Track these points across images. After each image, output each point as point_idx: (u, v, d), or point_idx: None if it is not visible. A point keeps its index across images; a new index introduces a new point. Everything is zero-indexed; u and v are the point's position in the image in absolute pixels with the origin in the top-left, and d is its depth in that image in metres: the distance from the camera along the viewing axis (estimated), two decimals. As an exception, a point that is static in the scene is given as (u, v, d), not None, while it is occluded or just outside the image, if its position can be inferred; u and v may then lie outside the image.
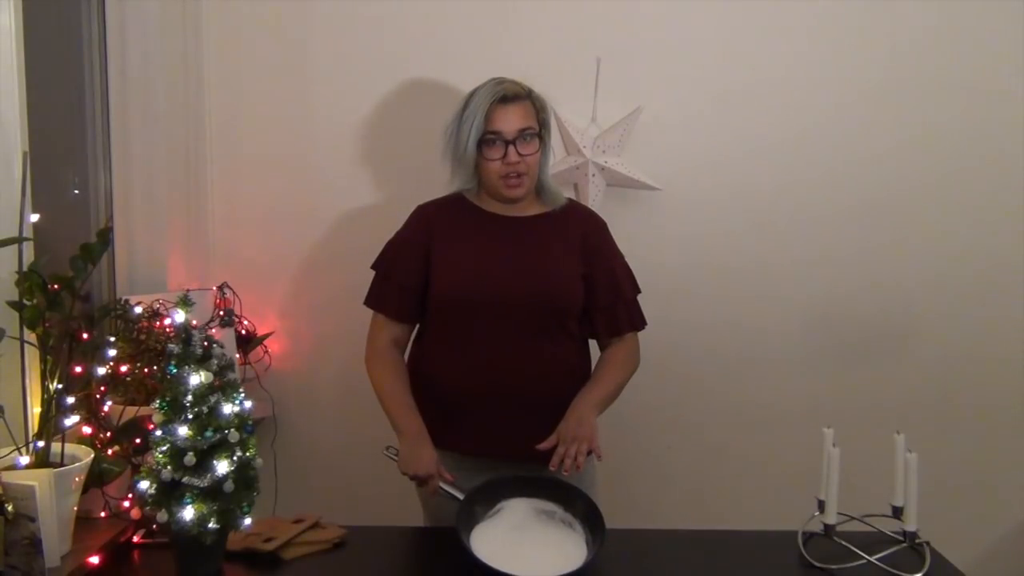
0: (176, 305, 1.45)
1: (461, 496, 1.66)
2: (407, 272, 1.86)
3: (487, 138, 1.77)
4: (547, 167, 1.89)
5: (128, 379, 1.80)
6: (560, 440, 1.73)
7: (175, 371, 1.43)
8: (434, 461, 1.76)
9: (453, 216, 1.88)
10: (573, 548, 1.58)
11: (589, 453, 1.74)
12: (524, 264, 1.82)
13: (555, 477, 1.75)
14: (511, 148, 1.77)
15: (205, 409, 1.43)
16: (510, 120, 1.77)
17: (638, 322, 1.92)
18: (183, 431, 1.42)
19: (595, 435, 1.75)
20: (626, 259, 1.94)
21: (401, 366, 1.89)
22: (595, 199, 2.37)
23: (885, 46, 2.41)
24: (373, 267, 1.91)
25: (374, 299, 1.90)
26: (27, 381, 1.62)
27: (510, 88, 1.80)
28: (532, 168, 1.81)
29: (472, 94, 1.81)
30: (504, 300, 1.79)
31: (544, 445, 1.73)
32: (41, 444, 1.53)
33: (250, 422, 1.50)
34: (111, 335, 1.84)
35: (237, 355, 2.26)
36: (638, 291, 1.93)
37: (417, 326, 1.93)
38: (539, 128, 1.82)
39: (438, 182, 1.91)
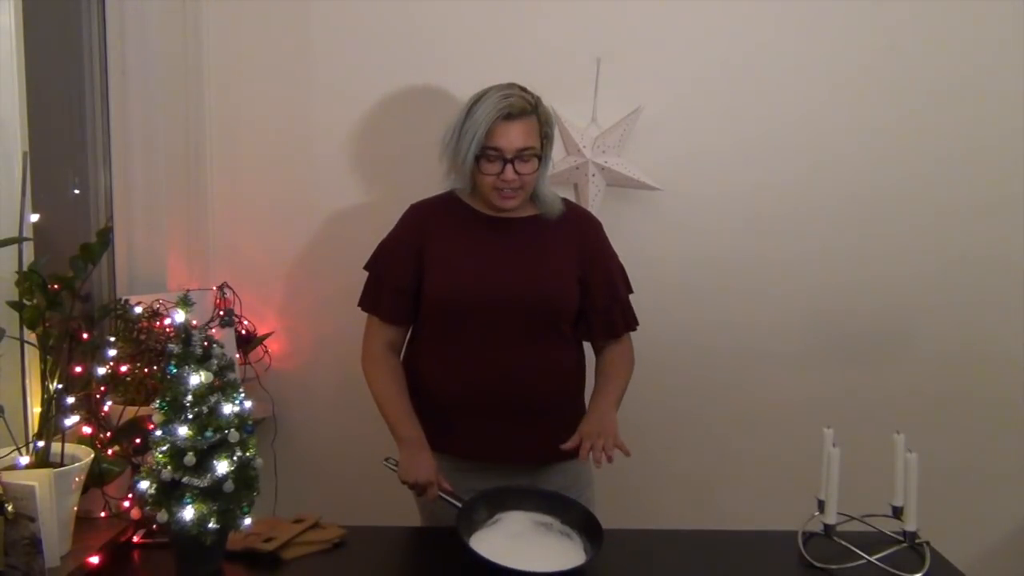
0: (176, 305, 1.45)
1: (460, 505, 1.67)
2: (400, 273, 1.84)
3: (486, 153, 1.74)
4: (546, 177, 1.86)
5: (128, 379, 1.80)
6: (584, 437, 1.71)
7: (175, 371, 1.43)
8: (433, 469, 1.75)
9: (446, 216, 1.87)
10: (571, 554, 1.58)
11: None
12: (518, 265, 1.82)
13: (550, 490, 1.75)
14: (508, 167, 1.74)
15: (205, 409, 1.43)
16: (512, 138, 1.73)
17: (632, 322, 1.92)
18: (183, 431, 1.42)
19: (617, 431, 1.73)
20: (626, 258, 1.94)
21: (398, 370, 1.88)
22: (595, 199, 2.37)
23: (885, 46, 2.41)
24: (366, 268, 1.90)
25: (368, 301, 1.89)
26: (27, 381, 1.62)
27: (516, 104, 1.73)
28: (528, 185, 1.78)
29: (477, 100, 1.75)
30: (498, 301, 1.78)
31: (568, 445, 1.71)
32: (41, 444, 1.53)
33: (250, 422, 1.50)
34: (111, 335, 1.84)
35: (237, 355, 2.26)
36: (631, 291, 1.93)
37: (412, 327, 1.93)
38: (541, 146, 1.78)
39: (439, 182, 1.90)
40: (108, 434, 1.70)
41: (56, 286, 1.56)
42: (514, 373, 1.79)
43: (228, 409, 1.45)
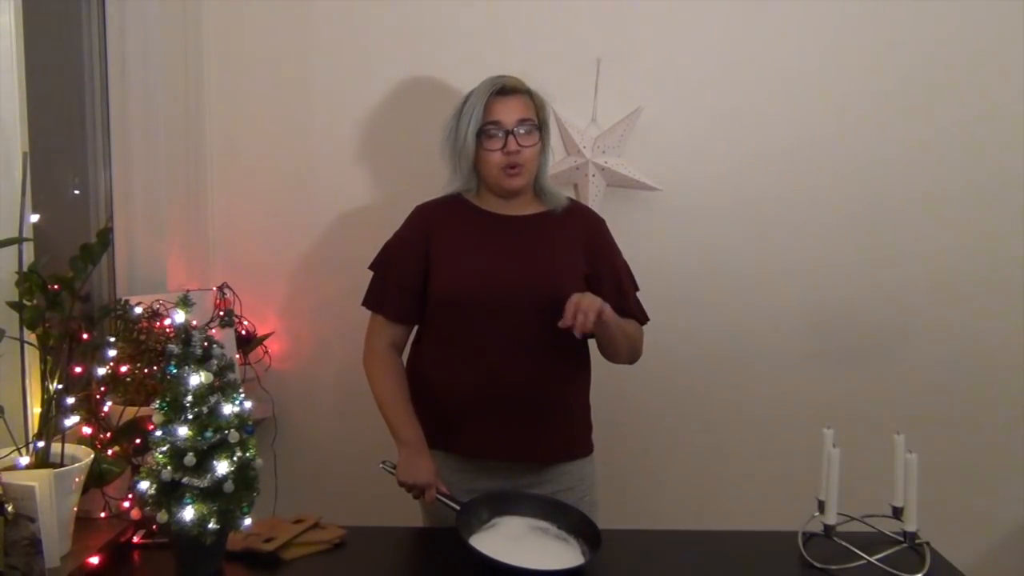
0: (176, 305, 1.45)
1: (457, 507, 1.68)
2: (406, 272, 1.85)
3: (486, 129, 1.77)
4: (546, 169, 1.88)
5: (128, 379, 1.80)
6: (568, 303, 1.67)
7: (175, 371, 1.43)
8: (432, 471, 1.76)
9: (452, 216, 1.87)
10: (568, 557, 1.59)
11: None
12: (525, 263, 1.82)
13: (547, 495, 1.76)
14: (510, 138, 1.76)
15: (205, 409, 1.43)
16: (509, 111, 1.77)
17: (642, 317, 1.92)
18: (183, 431, 1.42)
19: (604, 306, 1.68)
20: (626, 258, 1.94)
21: (400, 371, 1.89)
22: (595, 199, 2.37)
23: (886, 52, 2.41)
24: (371, 267, 1.91)
25: (372, 300, 1.89)
26: (27, 381, 1.62)
27: (509, 81, 1.80)
28: (531, 161, 1.80)
29: (471, 92, 1.81)
30: (505, 299, 1.78)
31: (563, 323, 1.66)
32: (41, 444, 1.53)
33: (250, 422, 1.50)
34: (111, 335, 1.84)
35: (237, 355, 2.26)
36: (637, 288, 1.93)
37: (416, 327, 1.93)
38: (538, 123, 1.81)
39: (439, 183, 1.90)
40: (108, 434, 1.70)
41: (56, 286, 1.56)
42: (521, 371, 1.79)
43: (228, 409, 1.45)
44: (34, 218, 1.65)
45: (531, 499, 1.72)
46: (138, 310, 1.88)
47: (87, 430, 1.68)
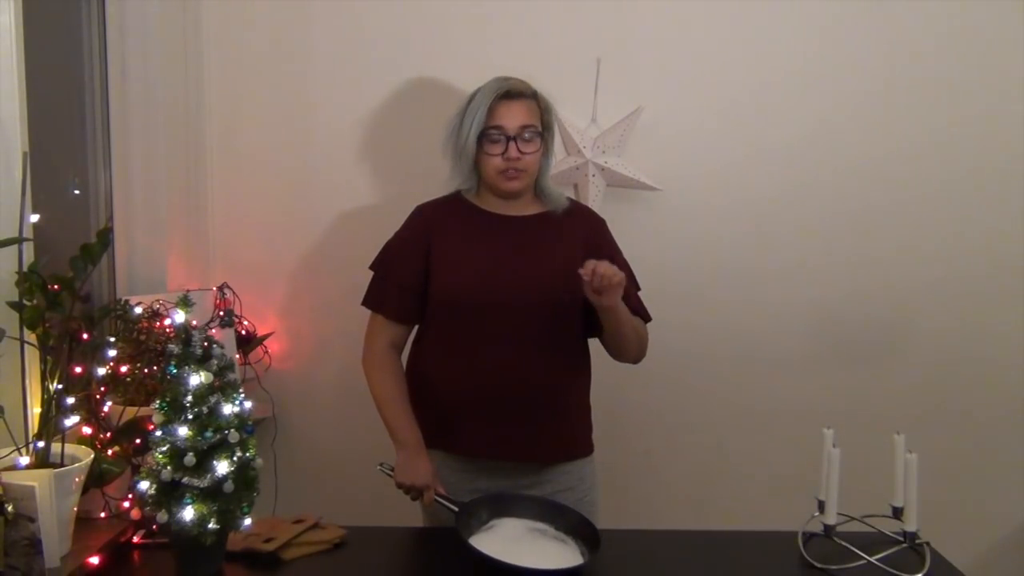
0: (176, 305, 1.45)
1: (456, 509, 1.68)
2: (406, 272, 1.85)
3: (488, 133, 1.77)
4: (548, 171, 1.88)
5: (128, 379, 1.80)
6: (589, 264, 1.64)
7: (175, 371, 1.43)
8: (430, 473, 1.76)
9: (452, 216, 1.87)
10: (567, 557, 1.59)
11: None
12: (525, 263, 1.82)
13: (545, 497, 1.76)
14: (512, 144, 1.76)
15: (205, 409, 1.43)
16: (513, 116, 1.76)
17: (645, 315, 1.91)
18: (183, 431, 1.42)
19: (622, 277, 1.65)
20: (626, 258, 1.93)
21: (399, 372, 1.89)
22: (595, 199, 2.37)
23: (887, 50, 2.41)
24: (372, 267, 1.91)
25: (373, 299, 1.89)
26: (27, 381, 1.62)
27: (515, 85, 1.79)
28: (532, 167, 1.80)
29: (477, 90, 1.80)
30: (505, 299, 1.78)
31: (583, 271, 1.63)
32: (41, 444, 1.53)
33: (250, 422, 1.50)
34: (111, 335, 1.84)
35: (237, 355, 2.26)
36: (638, 287, 1.93)
37: (416, 327, 1.93)
38: (542, 128, 1.81)
39: (439, 183, 1.90)
40: (108, 434, 1.70)
41: (56, 286, 1.56)
42: (521, 372, 1.79)
43: (228, 409, 1.45)
44: (34, 218, 1.65)
45: (529, 501, 1.73)
46: (138, 310, 1.88)
47: (87, 430, 1.68)
